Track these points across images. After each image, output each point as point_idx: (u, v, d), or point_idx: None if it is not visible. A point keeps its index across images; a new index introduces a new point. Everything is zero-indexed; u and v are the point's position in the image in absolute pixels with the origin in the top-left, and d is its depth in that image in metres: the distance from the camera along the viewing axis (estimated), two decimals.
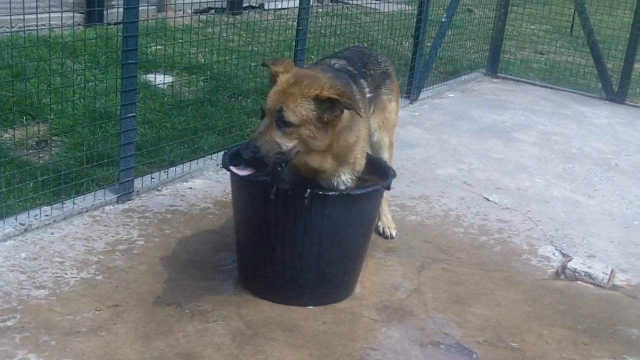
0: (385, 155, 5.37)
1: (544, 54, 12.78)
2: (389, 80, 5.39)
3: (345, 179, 4.49)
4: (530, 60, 12.50)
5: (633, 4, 10.72)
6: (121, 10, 5.40)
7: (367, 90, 4.80)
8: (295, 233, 4.41)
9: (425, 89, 9.61)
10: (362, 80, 4.79)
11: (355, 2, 12.87)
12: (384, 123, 5.34)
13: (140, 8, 5.47)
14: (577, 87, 11.02)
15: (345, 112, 4.18)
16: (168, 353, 3.99)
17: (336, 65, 4.78)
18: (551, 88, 10.98)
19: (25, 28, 6.00)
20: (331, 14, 10.79)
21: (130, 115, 5.53)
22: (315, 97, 4.06)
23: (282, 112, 4.03)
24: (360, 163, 4.56)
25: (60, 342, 3.97)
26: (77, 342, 3.99)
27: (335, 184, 4.47)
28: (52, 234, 5.07)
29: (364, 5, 12.01)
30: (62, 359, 3.84)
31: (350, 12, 12.08)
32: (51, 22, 5.62)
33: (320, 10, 11.70)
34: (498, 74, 11.36)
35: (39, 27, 5.45)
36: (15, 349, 3.87)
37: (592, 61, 10.89)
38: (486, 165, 7.40)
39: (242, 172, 4.08)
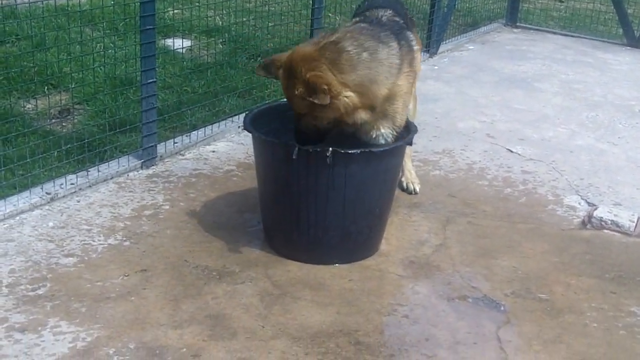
0: (410, 106, 5.37)
1: (563, 1, 12.64)
2: (414, 29, 5.37)
3: (384, 132, 4.53)
4: (550, 8, 12.36)
5: None
6: None
7: (414, 42, 4.76)
8: (318, 192, 4.41)
9: (444, 42, 9.54)
10: (408, 33, 4.75)
11: None
12: None
13: None
14: (598, 34, 10.90)
15: (363, 69, 4.26)
16: (198, 315, 4.03)
17: (383, 18, 4.76)
18: (572, 36, 10.86)
19: None
20: None
21: (151, 80, 5.54)
22: (301, 96, 4.23)
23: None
24: (402, 117, 4.58)
25: (91, 309, 4.01)
26: (107, 308, 4.03)
27: (374, 136, 4.52)
28: (79, 201, 5.11)
29: None
30: (93, 325, 3.89)
31: None
32: None
33: None
34: (518, 24, 11.24)
35: None
36: (46, 317, 3.92)
37: (613, 7, 10.75)
38: (508, 116, 7.35)
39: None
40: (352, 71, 4.24)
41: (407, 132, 4.74)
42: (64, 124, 6.07)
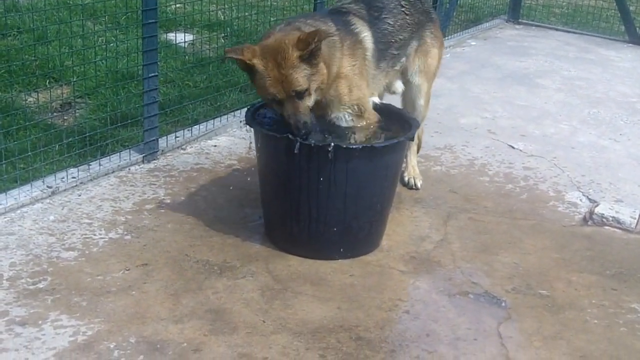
0: (421, 102, 5.43)
1: None
2: (433, 27, 5.43)
3: (339, 115, 4.67)
4: (552, 5, 12.35)
5: None
6: None
7: (358, 29, 4.79)
8: (319, 187, 4.40)
9: (446, 37, 9.49)
10: (351, 19, 4.81)
11: None
12: (425, 68, 5.38)
13: None
14: (600, 30, 10.90)
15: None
16: (198, 310, 4.03)
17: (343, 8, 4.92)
18: (574, 33, 10.86)
19: None
20: None
21: (153, 75, 5.53)
22: (299, 59, 4.28)
23: (296, 92, 4.32)
24: (351, 98, 4.64)
25: (91, 303, 4.01)
26: (107, 302, 4.03)
27: (328, 119, 4.67)
28: (80, 195, 5.11)
29: None
30: (94, 319, 3.89)
31: None
32: None
33: None
34: (520, 20, 11.24)
35: None
36: (47, 311, 3.92)
37: (615, 4, 10.74)
38: (510, 112, 7.35)
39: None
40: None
41: (409, 127, 4.74)
42: (65, 117, 6.07)
